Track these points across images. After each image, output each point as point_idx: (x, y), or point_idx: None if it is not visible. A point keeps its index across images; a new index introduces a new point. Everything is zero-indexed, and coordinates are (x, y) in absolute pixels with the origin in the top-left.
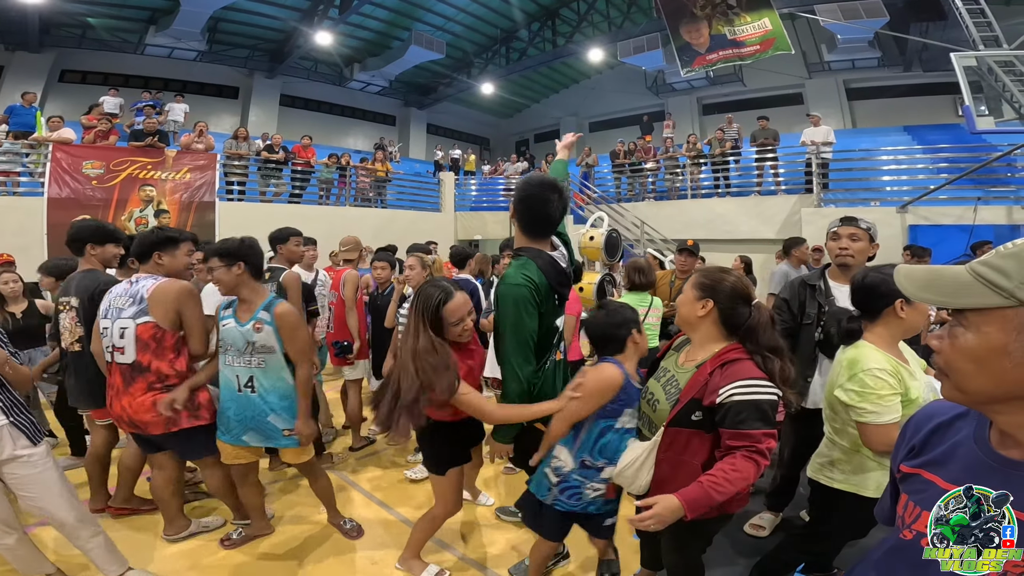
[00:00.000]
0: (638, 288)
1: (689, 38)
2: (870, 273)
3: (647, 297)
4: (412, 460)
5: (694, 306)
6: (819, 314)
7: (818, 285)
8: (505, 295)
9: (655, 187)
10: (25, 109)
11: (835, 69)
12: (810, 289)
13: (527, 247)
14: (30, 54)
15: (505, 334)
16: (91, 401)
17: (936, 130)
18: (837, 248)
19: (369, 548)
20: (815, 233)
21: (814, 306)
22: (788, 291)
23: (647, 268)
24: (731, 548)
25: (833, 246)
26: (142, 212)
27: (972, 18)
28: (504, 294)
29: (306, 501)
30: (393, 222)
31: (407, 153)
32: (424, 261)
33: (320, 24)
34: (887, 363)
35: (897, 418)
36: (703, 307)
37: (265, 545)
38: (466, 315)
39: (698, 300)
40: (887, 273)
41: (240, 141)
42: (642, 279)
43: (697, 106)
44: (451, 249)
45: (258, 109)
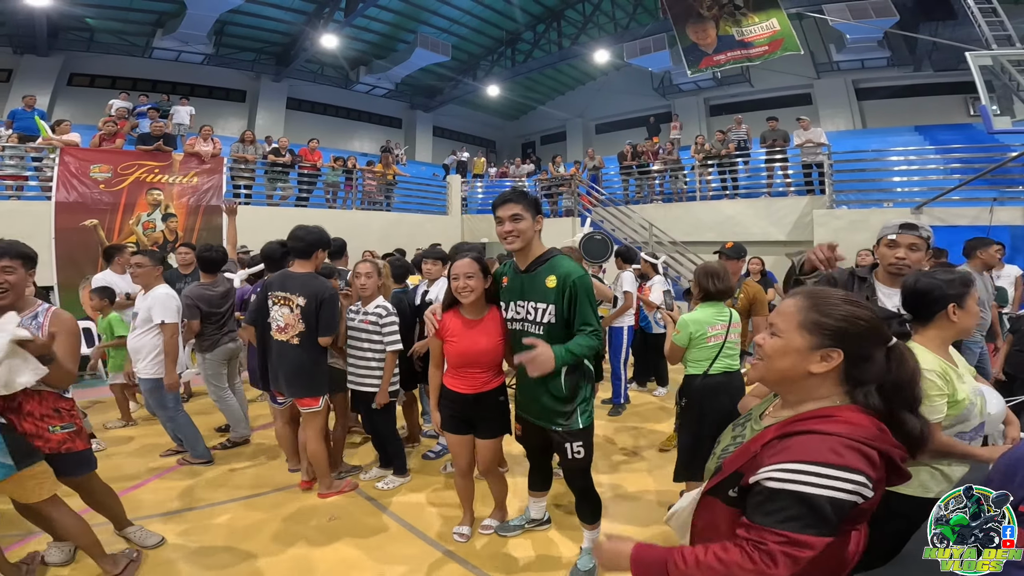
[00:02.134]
0: (713, 298)
1: (696, 38)
2: (921, 278)
3: (724, 310)
4: (371, 476)
5: (805, 358)
6: None
7: (867, 279)
8: (588, 282)
9: (662, 189)
10: (27, 112)
11: (844, 69)
12: (859, 282)
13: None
14: (38, 58)
15: (593, 306)
16: (295, 386)
17: (948, 130)
18: (893, 256)
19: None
20: (826, 235)
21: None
22: (835, 281)
23: (723, 272)
24: None
25: (889, 253)
26: (149, 216)
27: (984, 17)
28: (587, 283)
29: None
30: (400, 225)
31: (413, 156)
32: (379, 268)
33: (326, 27)
34: (937, 365)
35: (942, 418)
36: (823, 360)
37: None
38: (460, 275)
39: (814, 349)
40: (940, 279)
41: (247, 144)
42: (717, 285)
43: (704, 107)
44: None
45: (265, 112)
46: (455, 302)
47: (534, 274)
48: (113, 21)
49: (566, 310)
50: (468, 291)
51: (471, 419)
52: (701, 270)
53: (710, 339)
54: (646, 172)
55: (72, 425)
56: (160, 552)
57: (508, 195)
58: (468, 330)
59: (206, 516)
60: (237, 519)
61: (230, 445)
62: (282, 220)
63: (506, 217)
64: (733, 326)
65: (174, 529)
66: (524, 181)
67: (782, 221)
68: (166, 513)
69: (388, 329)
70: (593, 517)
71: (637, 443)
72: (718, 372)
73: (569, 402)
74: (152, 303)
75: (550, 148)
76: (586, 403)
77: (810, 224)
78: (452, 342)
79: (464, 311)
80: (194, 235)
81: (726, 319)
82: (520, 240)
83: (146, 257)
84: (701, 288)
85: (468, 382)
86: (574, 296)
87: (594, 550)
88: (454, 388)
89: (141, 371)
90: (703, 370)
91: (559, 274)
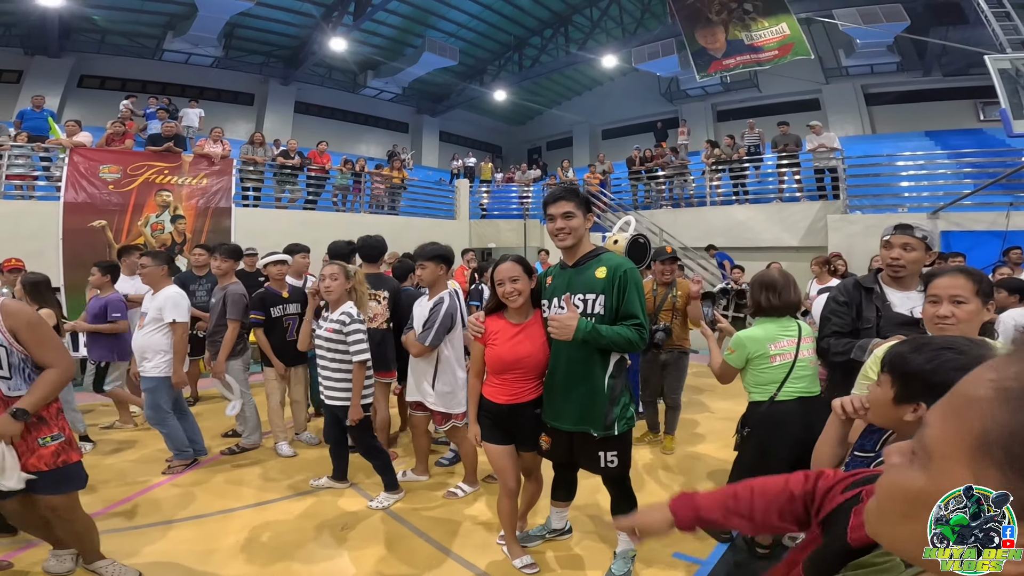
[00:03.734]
0: (769, 312)
1: (705, 43)
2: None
3: (790, 324)
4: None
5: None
6: (877, 318)
7: (874, 288)
8: (639, 275)
9: (671, 194)
10: (36, 113)
11: (853, 74)
12: (865, 292)
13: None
14: (49, 59)
15: (641, 300)
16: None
17: (958, 135)
18: (889, 257)
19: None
20: (841, 240)
21: (872, 310)
22: (845, 293)
23: (783, 283)
24: None
25: (885, 255)
26: (158, 217)
27: (998, 21)
28: (638, 276)
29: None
30: (408, 229)
31: (420, 161)
32: (347, 271)
33: (335, 30)
34: None
35: None
36: (914, 412)
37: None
38: (506, 279)
39: (900, 403)
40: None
41: (256, 146)
42: (772, 301)
43: (712, 112)
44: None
45: (273, 116)
46: (499, 306)
47: (583, 267)
48: (124, 23)
49: (616, 300)
50: (516, 295)
51: (510, 430)
52: (756, 282)
53: (774, 358)
54: (655, 177)
55: (61, 435)
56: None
57: (560, 193)
58: (512, 335)
59: (214, 523)
60: (245, 527)
61: (239, 450)
62: (290, 223)
63: (558, 214)
64: (804, 341)
65: (176, 538)
66: (531, 187)
67: (795, 227)
68: (168, 521)
69: (353, 338)
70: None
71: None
72: (789, 398)
73: (608, 405)
74: (163, 303)
75: (556, 153)
76: (625, 409)
77: (823, 229)
78: (494, 346)
79: (509, 314)
80: (203, 237)
81: (794, 334)
82: (572, 237)
83: (150, 258)
84: (754, 303)
85: (506, 391)
86: (624, 286)
87: (631, 518)
88: (490, 398)
89: (148, 370)
90: (769, 396)
91: (609, 265)
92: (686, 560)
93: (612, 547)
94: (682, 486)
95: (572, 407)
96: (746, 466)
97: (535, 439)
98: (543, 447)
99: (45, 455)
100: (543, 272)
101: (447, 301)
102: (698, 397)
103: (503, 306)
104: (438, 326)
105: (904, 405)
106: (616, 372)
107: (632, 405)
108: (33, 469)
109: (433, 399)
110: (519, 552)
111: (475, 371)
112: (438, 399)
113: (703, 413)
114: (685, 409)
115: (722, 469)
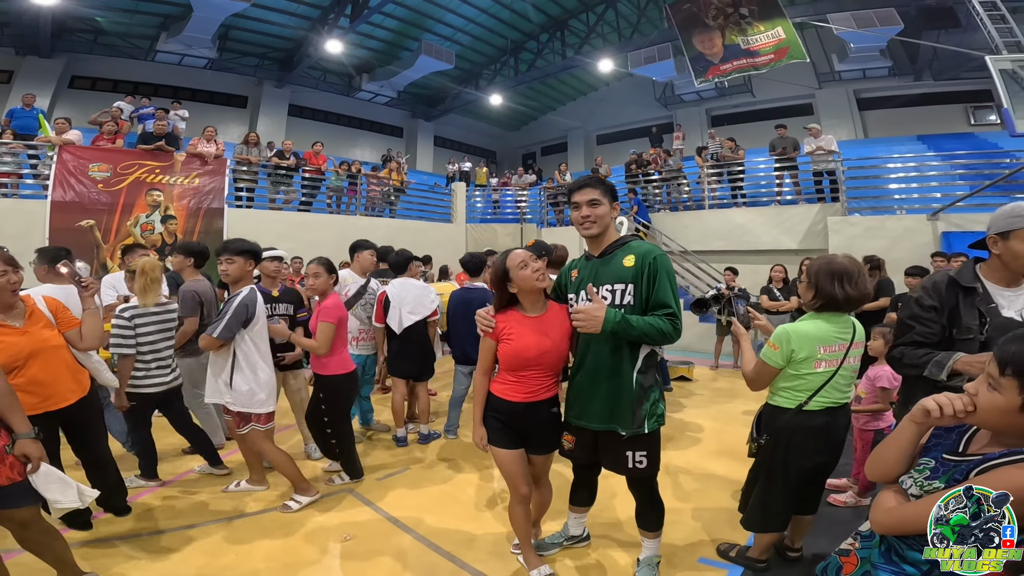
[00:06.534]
0: (838, 307)
1: (702, 48)
2: None
3: (848, 324)
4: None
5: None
6: (980, 326)
7: (976, 288)
8: (669, 262)
9: (669, 197)
10: (26, 112)
11: (845, 79)
12: (964, 292)
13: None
14: (40, 59)
15: (673, 288)
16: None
17: (950, 139)
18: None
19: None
20: (841, 242)
21: (972, 316)
22: (932, 295)
23: (855, 270)
24: None
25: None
26: (148, 218)
27: (994, 23)
28: (669, 263)
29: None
30: (404, 232)
31: (414, 165)
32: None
33: (331, 32)
34: None
35: None
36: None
37: None
38: (528, 259)
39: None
40: None
41: (251, 146)
42: (849, 291)
43: (706, 117)
44: (464, 257)
45: (266, 118)
46: (512, 301)
47: (609, 257)
48: (119, 23)
49: (646, 289)
50: (541, 274)
51: (523, 432)
52: (824, 268)
53: (819, 363)
54: (651, 180)
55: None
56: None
57: (585, 181)
58: (528, 328)
59: (207, 534)
60: (242, 539)
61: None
62: (285, 224)
63: (583, 202)
64: (855, 346)
65: (179, 545)
66: (527, 191)
67: (793, 229)
68: (169, 530)
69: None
70: (656, 525)
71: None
72: (818, 408)
73: (637, 402)
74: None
75: (551, 158)
76: (655, 405)
77: (823, 232)
78: (509, 341)
79: (523, 307)
80: (194, 237)
81: (847, 338)
82: (597, 226)
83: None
84: (821, 293)
85: (522, 388)
86: (654, 273)
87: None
88: (503, 396)
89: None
90: (797, 403)
91: (638, 253)
92: (711, 565)
93: (632, 553)
94: (687, 488)
95: (598, 405)
96: (766, 475)
97: (549, 441)
98: (565, 447)
99: (7, 464)
100: (567, 265)
101: (244, 292)
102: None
103: (514, 302)
104: (230, 318)
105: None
106: (645, 367)
107: (662, 401)
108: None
109: (231, 398)
110: (537, 562)
111: (483, 368)
112: (236, 398)
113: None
114: (682, 411)
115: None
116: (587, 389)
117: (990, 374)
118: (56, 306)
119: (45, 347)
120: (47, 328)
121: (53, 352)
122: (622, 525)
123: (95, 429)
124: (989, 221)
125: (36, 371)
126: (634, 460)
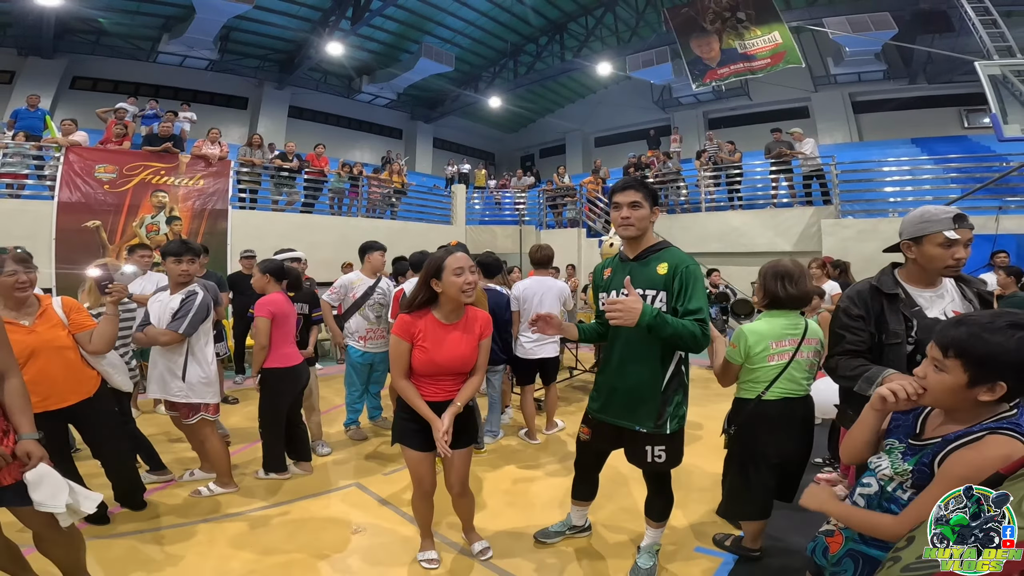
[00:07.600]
0: (783, 305)
1: (700, 52)
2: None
3: (798, 321)
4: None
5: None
6: (907, 330)
7: (898, 294)
8: (700, 272)
9: (666, 199)
10: (30, 112)
11: (841, 82)
12: (887, 299)
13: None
14: (42, 60)
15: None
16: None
17: (943, 142)
18: (951, 258)
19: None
20: (835, 245)
21: (899, 321)
22: (858, 303)
23: (798, 272)
24: None
25: (944, 254)
26: (153, 219)
27: (985, 28)
28: (700, 272)
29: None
30: (404, 234)
31: (413, 167)
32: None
33: (331, 35)
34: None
35: None
36: (988, 392)
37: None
38: (467, 268)
39: (975, 385)
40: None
41: (254, 148)
42: (789, 290)
43: (703, 120)
44: (481, 256)
45: (267, 120)
46: (431, 300)
47: (645, 262)
48: (121, 24)
49: (677, 298)
50: (471, 289)
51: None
52: (770, 270)
53: (772, 357)
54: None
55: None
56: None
57: (628, 182)
58: (445, 335)
59: (218, 530)
60: (251, 532)
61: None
62: (287, 225)
63: (625, 203)
64: (807, 342)
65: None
66: (526, 194)
67: (788, 232)
68: (174, 525)
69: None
70: (662, 515)
71: None
72: (775, 398)
73: (661, 404)
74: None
75: (549, 161)
76: (678, 408)
77: (817, 234)
78: (424, 348)
79: (440, 313)
80: (198, 239)
81: (798, 333)
82: (635, 228)
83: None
84: (767, 292)
85: (441, 389)
86: (685, 282)
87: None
88: (424, 397)
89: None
90: (756, 394)
91: (671, 261)
92: (707, 554)
93: (633, 541)
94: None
95: (621, 401)
96: (737, 464)
97: (472, 433)
98: (581, 438)
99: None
100: (599, 264)
101: (201, 293)
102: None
103: (432, 302)
104: (193, 314)
105: (979, 387)
106: (675, 371)
107: (685, 404)
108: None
109: (183, 391)
110: (428, 545)
111: (400, 371)
112: (191, 390)
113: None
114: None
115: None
116: (613, 385)
117: (934, 357)
118: (71, 306)
119: (49, 347)
120: (56, 328)
121: (57, 353)
122: (622, 514)
123: (104, 430)
124: (900, 226)
125: (36, 371)
126: (653, 455)
